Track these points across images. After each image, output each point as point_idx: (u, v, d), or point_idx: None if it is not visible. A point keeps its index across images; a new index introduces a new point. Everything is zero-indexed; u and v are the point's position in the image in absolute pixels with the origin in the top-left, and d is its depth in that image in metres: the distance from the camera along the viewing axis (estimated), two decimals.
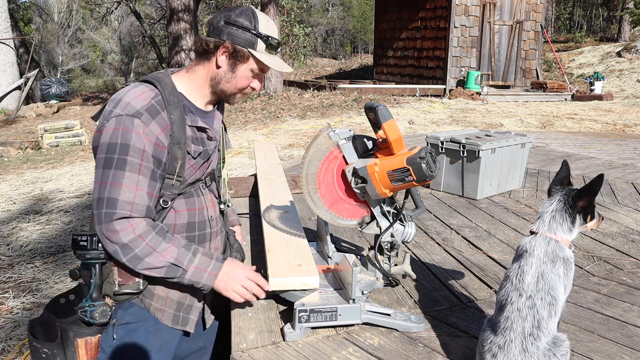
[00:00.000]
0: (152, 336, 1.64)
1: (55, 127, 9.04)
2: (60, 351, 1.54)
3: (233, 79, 1.64)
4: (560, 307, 1.45)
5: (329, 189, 1.91)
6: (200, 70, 1.64)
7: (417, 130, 8.18)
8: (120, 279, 1.57)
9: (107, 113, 1.53)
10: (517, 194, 3.88)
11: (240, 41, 1.58)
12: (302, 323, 1.72)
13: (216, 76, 1.63)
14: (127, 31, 31.45)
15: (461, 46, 13.10)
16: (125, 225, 1.48)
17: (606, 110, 10.60)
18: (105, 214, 1.47)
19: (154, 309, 1.63)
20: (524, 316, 1.41)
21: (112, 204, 1.47)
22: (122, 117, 1.49)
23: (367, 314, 1.80)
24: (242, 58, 1.61)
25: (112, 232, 1.47)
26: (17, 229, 4.39)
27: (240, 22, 1.58)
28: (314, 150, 1.85)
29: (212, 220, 1.77)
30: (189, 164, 1.61)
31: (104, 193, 1.48)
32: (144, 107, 1.51)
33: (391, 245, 1.98)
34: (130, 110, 1.50)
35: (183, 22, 12.04)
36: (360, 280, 1.89)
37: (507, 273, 1.51)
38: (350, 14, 36.33)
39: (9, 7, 14.22)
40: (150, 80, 1.58)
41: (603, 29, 24.51)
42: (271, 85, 11.97)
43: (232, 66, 1.62)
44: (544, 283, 1.43)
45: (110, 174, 1.48)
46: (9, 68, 13.40)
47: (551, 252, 1.47)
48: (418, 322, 1.83)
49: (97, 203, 1.49)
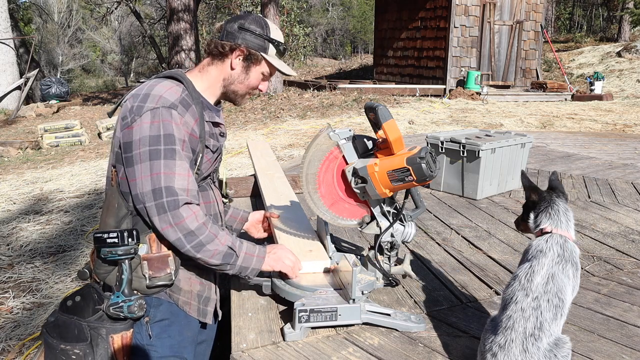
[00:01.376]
0: (185, 329, 1.72)
1: (55, 127, 9.04)
2: (91, 350, 1.55)
3: (246, 80, 1.75)
4: (566, 309, 1.43)
5: (329, 189, 1.91)
6: (213, 71, 1.73)
7: (417, 130, 8.18)
8: (150, 271, 1.59)
9: (136, 108, 1.56)
10: (517, 194, 3.88)
11: (254, 45, 1.71)
12: (302, 323, 1.72)
13: (230, 77, 1.74)
14: (127, 31, 31.46)
15: (461, 46, 13.10)
16: (189, 212, 1.53)
17: (606, 110, 10.60)
18: (168, 202, 1.50)
19: (182, 303, 1.69)
20: (527, 316, 1.39)
21: (172, 192, 1.51)
22: (158, 110, 1.54)
23: (367, 314, 1.80)
24: (255, 61, 1.73)
25: (179, 219, 1.51)
26: (17, 229, 4.39)
27: (254, 28, 1.72)
28: (314, 150, 1.86)
29: (220, 214, 1.87)
30: (206, 158, 1.71)
31: (160, 183, 1.51)
32: (178, 99, 1.59)
33: (391, 245, 1.98)
34: (165, 102, 1.56)
35: (183, 22, 12.04)
36: (361, 280, 1.89)
37: (517, 272, 1.49)
38: (350, 14, 36.33)
39: (9, 7, 14.22)
40: (174, 76, 1.66)
41: (603, 29, 24.52)
42: (271, 85, 11.97)
43: (245, 68, 1.73)
44: (553, 285, 1.41)
45: (162, 165, 1.52)
46: (9, 68, 13.40)
47: (565, 252, 1.46)
48: (418, 322, 1.83)
49: (153, 195, 1.51)
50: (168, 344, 1.66)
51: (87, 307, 1.57)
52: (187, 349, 1.72)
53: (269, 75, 1.80)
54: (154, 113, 1.53)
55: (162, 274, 1.60)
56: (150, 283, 1.59)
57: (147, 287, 1.60)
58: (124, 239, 1.53)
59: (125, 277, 1.55)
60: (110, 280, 1.59)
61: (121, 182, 1.60)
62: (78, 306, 1.58)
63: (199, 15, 18.14)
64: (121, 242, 1.53)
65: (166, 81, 1.63)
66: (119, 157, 1.60)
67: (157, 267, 1.59)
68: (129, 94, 1.64)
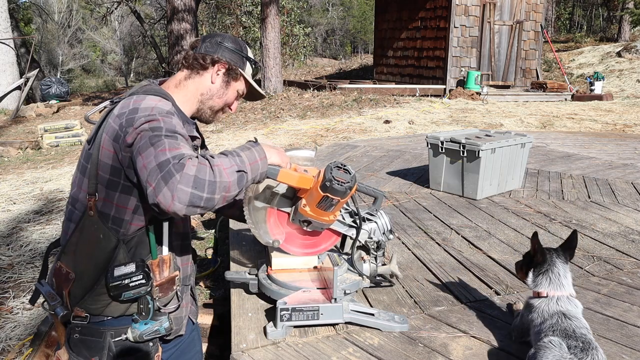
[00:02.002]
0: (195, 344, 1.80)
1: (55, 127, 9.04)
2: None
3: (224, 96, 1.70)
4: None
5: (294, 239, 1.93)
6: (191, 85, 1.67)
7: (417, 130, 8.18)
8: (161, 293, 1.57)
9: (126, 122, 1.44)
10: (517, 194, 3.88)
11: (235, 61, 1.67)
12: (284, 321, 1.74)
13: (208, 91, 1.67)
14: (127, 31, 31.45)
15: (461, 46, 13.09)
16: (195, 162, 1.36)
17: (606, 110, 10.59)
18: (174, 165, 1.33)
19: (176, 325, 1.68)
20: None
21: (180, 155, 1.36)
22: (155, 115, 1.44)
23: (350, 314, 1.81)
24: (235, 77, 1.69)
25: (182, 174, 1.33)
26: (17, 229, 4.39)
27: (233, 46, 1.68)
28: (255, 215, 1.85)
29: (189, 232, 1.81)
30: None
31: (166, 155, 1.35)
32: (171, 109, 1.52)
33: (377, 244, 2.00)
34: (161, 111, 1.47)
35: (184, 22, 12.03)
36: (346, 279, 1.91)
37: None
38: (350, 14, 36.32)
39: (9, 7, 14.22)
40: (158, 94, 1.57)
41: (603, 29, 24.51)
42: (271, 85, 11.97)
43: (226, 83, 1.69)
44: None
45: (165, 144, 1.38)
46: (9, 68, 13.39)
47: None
48: (402, 322, 1.84)
49: (159, 167, 1.33)
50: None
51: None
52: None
53: (241, 95, 1.76)
54: (151, 117, 1.44)
55: (169, 293, 1.60)
56: (160, 303, 1.59)
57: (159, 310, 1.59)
58: (148, 277, 1.48)
59: (151, 306, 1.52)
60: (111, 311, 1.54)
61: (104, 205, 1.50)
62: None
63: (199, 15, 18.14)
64: (147, 280, 1.48)
65: (151, 96, 1.54)
66: (102, 181, 1.49)
67: (166, 288, 1.59)
68: (111, 114, 1.50)
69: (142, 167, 1.37)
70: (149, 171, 1.34)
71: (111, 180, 1.49)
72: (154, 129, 1.41)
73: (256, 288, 1.98)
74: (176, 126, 1.45)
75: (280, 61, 12.44)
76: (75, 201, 1.57)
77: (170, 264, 1.58)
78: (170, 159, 1.34)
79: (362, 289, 2.11)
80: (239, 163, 1.46)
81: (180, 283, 1.65)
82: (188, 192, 1.31)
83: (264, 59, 11.91)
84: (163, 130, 1.41)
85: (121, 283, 1.45)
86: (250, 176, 1.49)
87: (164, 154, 1.35)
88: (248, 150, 1.53)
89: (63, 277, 1.56)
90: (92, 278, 1.52)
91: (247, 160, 1.49)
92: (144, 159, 1.37)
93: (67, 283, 1.54)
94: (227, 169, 1.40)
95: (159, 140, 1.38)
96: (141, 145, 1.39)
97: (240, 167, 1.46)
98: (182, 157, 1.35)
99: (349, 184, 1.67)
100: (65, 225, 1.60)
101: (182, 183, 1.31)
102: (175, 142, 1.39)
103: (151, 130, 1.40)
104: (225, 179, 1.38)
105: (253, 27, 21.35)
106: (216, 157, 1.43)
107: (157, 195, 1.31)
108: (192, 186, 1.31)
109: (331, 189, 1.66)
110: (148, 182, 1.34)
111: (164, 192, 1.30)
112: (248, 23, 21.90)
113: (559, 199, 3.76)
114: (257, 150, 1.56)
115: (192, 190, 1.31)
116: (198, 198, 1.32)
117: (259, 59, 12.49)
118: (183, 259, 1.69)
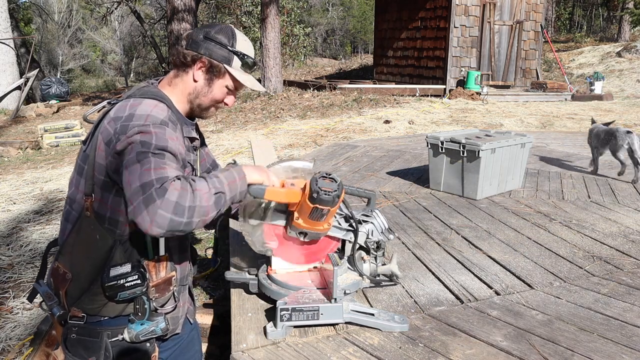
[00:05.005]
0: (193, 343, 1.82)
1: (55, 127, 9.04)
2: None
3: (209, 94, 1.65)
4: None
5: (292, 252, 1.95)
6: (179, 84, 1.64)
7: (417, 130, 8.18)
8: (157, 294, 1.56)
9: (120, 128, 1.44)
10: (517, 194, 3.88)
11: (217, 56, 1.60)
12: (284, 321, 1.75)
13: (194, 90, 1.64)
14: (127, 31, 31.45)
15: (461, 46, 13.09)
16: (177, 186, 1.38)
17: (606, 110, 10.59)
18: (157, 190, 1.35)
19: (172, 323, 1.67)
20: None
21: (164, 179, 1.37)
22: (148, 126, 1.44)
23: (350, 314, 1.82)
24: (218, 73, 1.62)
25: (164, 200, 1.35)
26: (17, 229, 4.39)
27: (219, 38, 1.61)
28: (257, 236, 1.89)
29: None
30: (186, 172, 1.61)
31: (150, 176, 1.36)
32: (167, 117, 1.50)
33: (377, 244, 2.00)
34: (155, 120, 1.46)
35: (184, 22, 12.02)
36: (346, 279, 1.91)
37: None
38: (350, 14, 36.31)
39: (9, 7, 14.22)
40: (155, 97, 1.56)
41: (603, 29, 24.50)
42: (271, 85, 11.96)
43: (208, 81, 1.63)
44: None
45: (151, 162, 1.39)
46: (9, 68, 13.39)
47: None
48: (402, 322, 1.85)
49: (142, 189, 1.36)
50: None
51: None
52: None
53: (235, 90, 1.69)
54: (144, 128, 1.43)
55: (166, 294, 1.59)
56: (157, 304, 1.58)
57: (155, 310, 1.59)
58: (144, 277, 1.49)
59: (147, 306, 1.52)
60: (107, 312, 1.54)
61: (100, 206, 1.50)
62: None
63: (199, 15, 18.13)
64: (142, 281, 1.48)
65: (148, 100, 1.53)
66: (98, 182, 1.49)
67: (163, 288, 1.58)
68: (107, 116, 1.52)
69: (127, 183, 1.39)
70: (132, 190, 1.37)
71: (105, 182, 1.49)
72: (144, 143, 1.41)
73: (256, 288, 1.98)
74: (167, 140, 1.45)
75: (280, 61, 12.43)
76: (73, 202, 1.57)
77: (166, 264, 1.58)
78: (154, 181, 1.36)
79: (362, 289, 2.11)
80: (217, 185, 1.48)
81: (178, 283, 1.64)
82: (168, 218, 1.34)
83: (264, 59, 11.90)
84: (152, 147, 1.41)
85: (117, 283, 1.46)
86: (229, 195, 1.51)
87: (148, 174, 1.37)
88: (227, 172, 1.56)
89: (60, 277, 1.56)
90: (89, 278, 1.52)
91: (225, 181, 1.52)
92: (128, 175, 1.39)
93: (64, 283, 1.55)
94: (205, 193, 1.43)
95: (146, 158, 1.39)
96: (128, 160, 1.40)
97: (218, 188, 1.48)
98: (166, 180, 1.37)
99: (336, 193, 1.69)
100: (63, 226, 1.61)
101: (162, 208, 1.34)
102: (162, 162, 1.41)
103: (141, 144, 1.41)
104: (204, 203, 1.41)
105: (253, 27, 21.35)
106: (197, 181, 1.45)
107: (136, 217, 1.35)
108: (172, 212, 1.35)
109: (319, 200, 1.67)
110: (130, 200, 1.37)
111: (143, 215, 1.34)
112: (248, 23, 21.91)
113: (559, 199, 3.76)
114: (236, 171, 1.58)
115: (171, 216, 1.35)
116: (177, 223, 1.36)
117: (259, 59, 12.47)
118: (181, 258, 1.69)
